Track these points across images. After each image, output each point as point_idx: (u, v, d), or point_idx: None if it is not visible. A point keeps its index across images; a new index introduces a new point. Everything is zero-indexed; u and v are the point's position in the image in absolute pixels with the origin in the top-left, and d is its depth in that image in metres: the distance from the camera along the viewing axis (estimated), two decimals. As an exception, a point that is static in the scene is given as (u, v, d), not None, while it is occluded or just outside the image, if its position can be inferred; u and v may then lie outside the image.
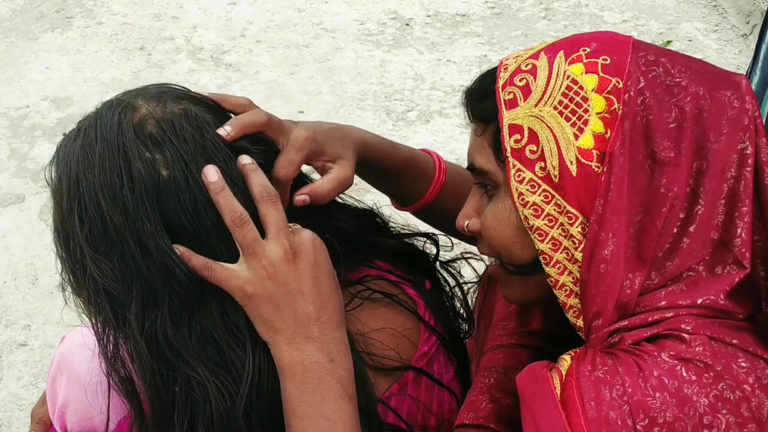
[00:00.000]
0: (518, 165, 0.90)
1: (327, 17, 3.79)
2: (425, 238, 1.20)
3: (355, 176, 1.09)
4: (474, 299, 1.23)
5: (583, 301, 0.90)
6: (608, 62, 0.89)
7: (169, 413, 0.93)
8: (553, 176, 0.89)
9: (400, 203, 1.22)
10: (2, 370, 2.21)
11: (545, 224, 0.90)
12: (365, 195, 1.20)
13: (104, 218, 0.90)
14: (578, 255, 0.89)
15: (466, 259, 1.22)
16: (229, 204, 0.90)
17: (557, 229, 0.90)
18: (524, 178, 0.90)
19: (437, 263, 1.20)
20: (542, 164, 0.89)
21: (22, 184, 2.85)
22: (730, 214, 0.89)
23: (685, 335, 0.86)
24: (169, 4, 3.91)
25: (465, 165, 1.02)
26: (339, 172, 1.02)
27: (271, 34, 3.68)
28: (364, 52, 3.53)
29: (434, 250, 1.20)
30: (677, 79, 0.89)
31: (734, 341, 0.87)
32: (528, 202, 0.90)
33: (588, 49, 0.91)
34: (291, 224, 0.94)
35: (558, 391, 0.86)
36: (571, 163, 0.88)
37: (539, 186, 0.90)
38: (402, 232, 1.18)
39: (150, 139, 0.91)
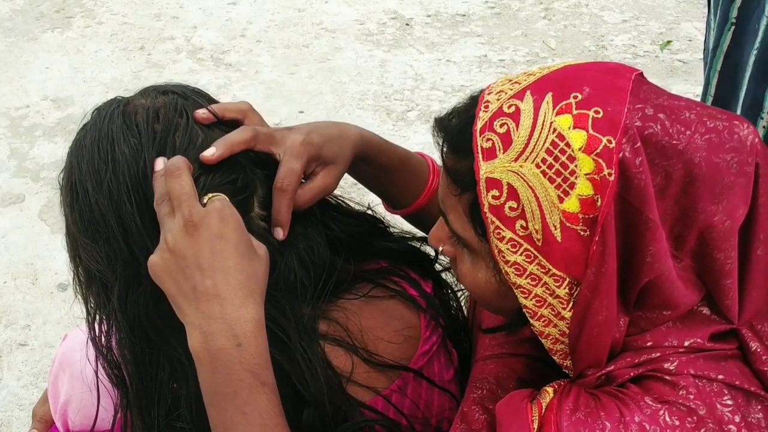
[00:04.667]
0: (497, 222, 0.83)
1: (327, 17, 3.79)
2: (423, 242, 1.20)
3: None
4: (466, 306, 1.22)
5: (574, 356, 0.88)
6: (600, 116, 0.80)
7: (150, 393, 0.95)
8: (536, 240, 0.82)
9: (392, 206, 1.21)
10: (2, 370, 2.21)
11: (528, 283, 0.85)
12: (366, 195, 1.20)
13: (90, 202, 0.94)
14: (566, 314, 0.85)
15: None
16: (159, 186, 0.91)
17: (541, 287, 0.84)
18: (504, 237, 0.83)
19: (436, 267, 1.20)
20: (523, 223, 0.82)
21: (22, 184, 2.85)
22: (717, 282, 0.86)
23: (669, 377, 0.84)
24: (169, 4, 3.91)
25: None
26: (323, 178, 1.01)
27: (271, 34, 3.68)
28: (364, 52, 3.53)
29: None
30: (674, 141, 0.81)
31: (719, 377, 0.85)
32: (509, 261, 0.84)
33: (579, 96, 0.81)
34: (211, 195, 0.92)
35: (535, 425, 0.84)
36: (555, 227, 0.81)
37: (520, 245, 0.83)
38: (402, 235, 1.18)
39: (136, 126, 0.94)
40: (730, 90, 1.18)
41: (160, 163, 0.93)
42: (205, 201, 0.91)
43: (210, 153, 0.94)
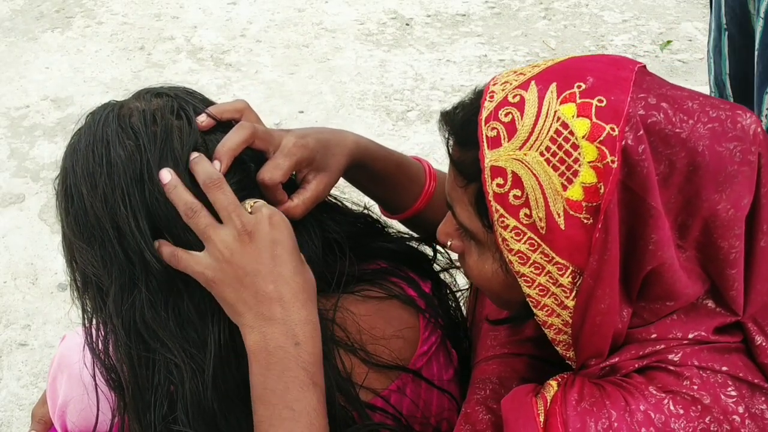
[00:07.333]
0: (501, 210, 0.84)
1: (327, 17, 3.79)
2: (422, 242, 1.20)
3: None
4: (465, 306, 1.22)
5: (576, 345, 0.88)
6: (604, 104, 0.80)
7: (147, 396, 0.95)
8: (539, 228, 0.83)
9: (389, 211, 1.21)
10: (2, 370, 2.21)
11: (532, 271, 0.85)
12: (364, 195, 1.20)
13: (86, 206, 0.94)
14: (569, 303, 0.86)
15: (458, 267, 1.22)
16: (181, 198, 0.91)
17: (544, 276, 0.85)
18: (508, 225, 0.84)
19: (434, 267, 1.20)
20: (527, 211, 0.83)
21: (22, 184, 2.85)
22: (722, 271, 0.86)
23: (673, 367, 0.85)
24: (169, 4, 3.91)
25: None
26: (315, 187, 1.01)
27: (271, 34, 3.68)
28: (364, 52, 3.53)
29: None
30: (677, 130, 0.81)
31: (723, 368, 0.85)
32: (513, 249, 0.85)
33: (583, 86, 0.82)
34: (252, 201, 0.93)
35: (541, 419, 0.84)
36: (559, 215, 0.82)
37: (524, 234, 0.84)
38: (401, 235, 1.18)
39: (132, 128, 0.94)
40: (745, 94, 1.18)
41: (167, 175, 0.91)
42: (249, 209, 0.92)
43: (216, 169, 0.93)
